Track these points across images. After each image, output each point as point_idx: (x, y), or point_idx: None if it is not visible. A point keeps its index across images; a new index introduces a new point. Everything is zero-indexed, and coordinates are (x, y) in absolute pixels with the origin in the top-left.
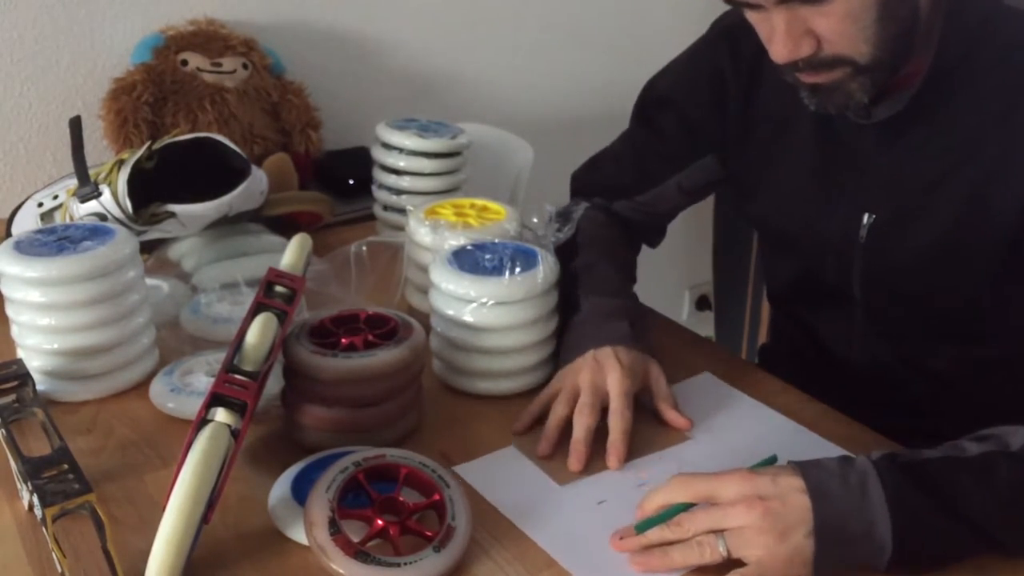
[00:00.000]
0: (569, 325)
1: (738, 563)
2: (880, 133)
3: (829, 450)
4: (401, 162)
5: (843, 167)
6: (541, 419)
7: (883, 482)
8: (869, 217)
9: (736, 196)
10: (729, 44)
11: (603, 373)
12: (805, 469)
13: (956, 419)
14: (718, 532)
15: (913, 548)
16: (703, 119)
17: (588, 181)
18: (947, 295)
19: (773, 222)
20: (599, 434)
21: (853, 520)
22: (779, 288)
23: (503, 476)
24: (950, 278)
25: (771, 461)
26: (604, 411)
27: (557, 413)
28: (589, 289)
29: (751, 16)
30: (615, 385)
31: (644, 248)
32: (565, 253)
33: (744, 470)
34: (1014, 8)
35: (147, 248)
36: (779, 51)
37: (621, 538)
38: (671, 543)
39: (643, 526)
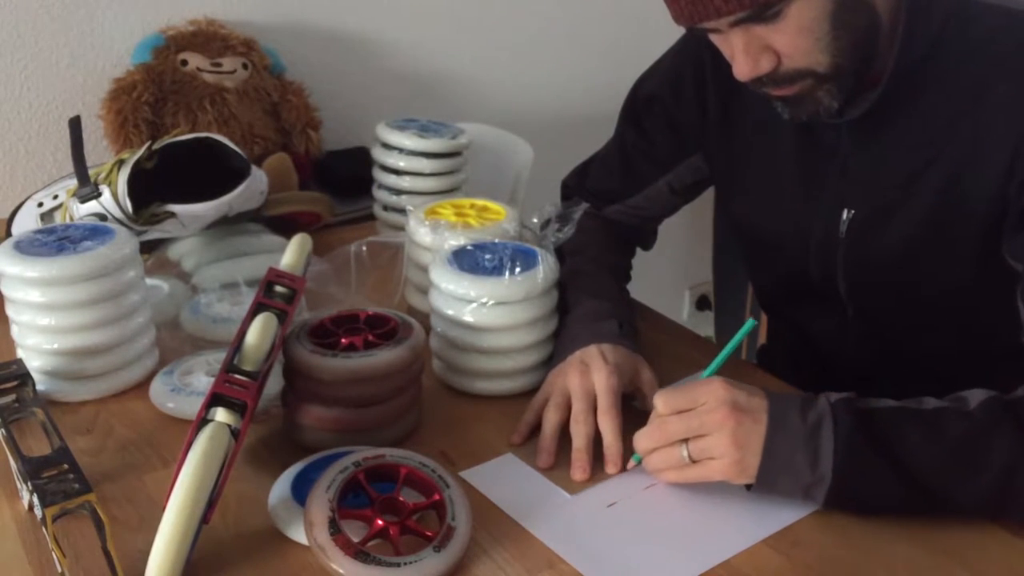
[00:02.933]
0: (558, 329)
1: None
2: (855, 130)
3: None
4: (401, 162)
5: (822, 164)
6: (538, 426)
7: (835, 424)
8: (848, 213)
9: (720, 196)
10: (709, 41)
11: (589, 373)
12: (773, 398)
13: None
14: (684, 441)
15: (850, 484)
16: (688, 117)
17: (578, 187)
18: (931, 287)
19: (756, 221)
20: (598, 438)
21: (801, 452)
22: (767, 292)
23: (511, 483)
24: (932, 269)
25: (751, 327)
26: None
27: (550, 421)
28: (577, 293)
29: (713, 38)
30: (601, 382)
31: (643, 249)
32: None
33: (723, 380)
34: (981, 2)
35: (147, 248)
36: (741, 70)
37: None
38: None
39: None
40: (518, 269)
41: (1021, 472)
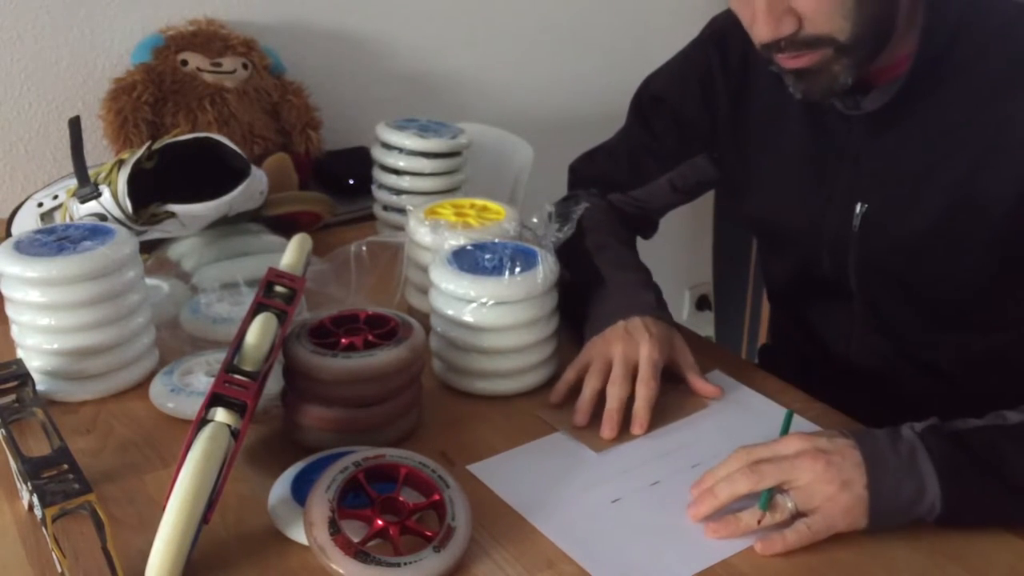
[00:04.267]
0: (594, 298)
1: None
2: (870, 124)
3: None
4: (401, 162)
5: (835, 159)
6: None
7: (930, 453)
8: (862, 207)
9: (731, 196)
10: (719, 45)
11: (634, 344)
12: (856, 436)
13: (959, 415)
14: (784, 491)
15: (962, 512)
16: (694, 118)
17: (585, 173)
18: (942, 283)
19: (769, 218)
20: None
21: (906, 484)
22: (778, 286)
23: (518, 476)
24: (944, 266)
25: (788, 416)
26: (634, 380)
27: (591, 386)
28: (609, 264)
29: (733, 4)
30: (645, 354)
31: (644, 247)
32: (571, 235)
33: (799, 432)
34: None
35: (147, 248)
36: (761, 30)
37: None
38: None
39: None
40: (518, 269)
41: None
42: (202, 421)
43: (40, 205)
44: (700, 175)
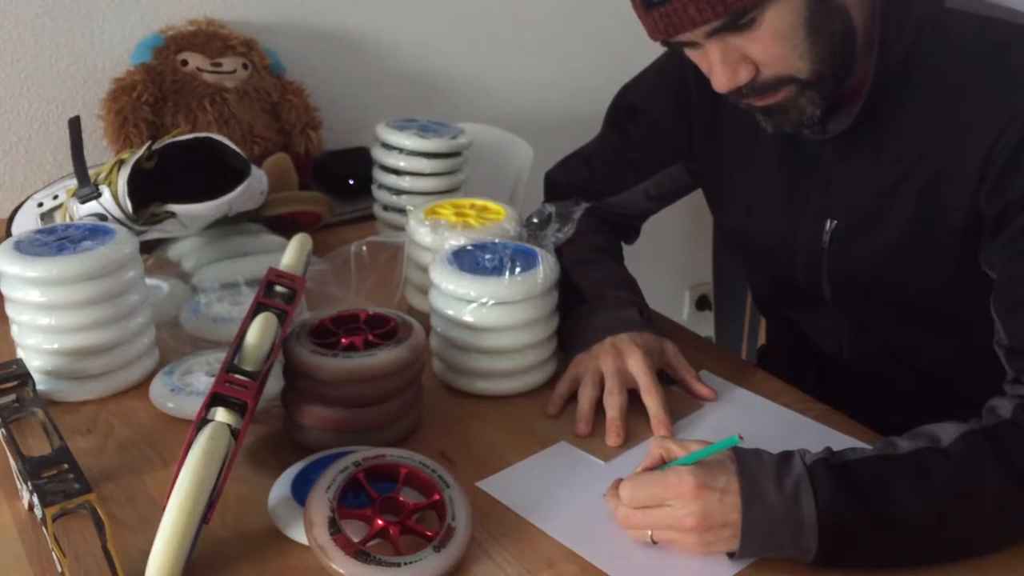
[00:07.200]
0: (575, 316)
1: None
2: (837, 145)
3: (831, 439)
4: (401, 162)
5: (805, 177)
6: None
7: (815, 491)
8: (831, 223)
9: (710, 205)
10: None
11: (623, 357)
12: (745, 476)
13: (954, 415)
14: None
15: (838, 556)
16: (669, 129)
17: (559, 181)
18: (911, 292)
19: (744, 230)
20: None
21: (781, 528)
22: (762, 294)
23: (528, 488)
24: (913, 275)
25: (733, 442)
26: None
27: (588, 396)
28: (590, 281)
29: (690, 54)
30: (639, 366)
31: (644, 247)
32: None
33: (696, 484)
34: (956, 10)
35: (147, 248)
36: (720, 81)
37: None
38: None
39: None
40: (518, 269)
41: (1012, 505)
42: (202, 421)
43: (40, 205)
44: (675, 184)
